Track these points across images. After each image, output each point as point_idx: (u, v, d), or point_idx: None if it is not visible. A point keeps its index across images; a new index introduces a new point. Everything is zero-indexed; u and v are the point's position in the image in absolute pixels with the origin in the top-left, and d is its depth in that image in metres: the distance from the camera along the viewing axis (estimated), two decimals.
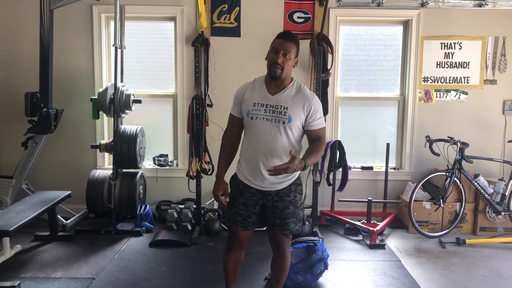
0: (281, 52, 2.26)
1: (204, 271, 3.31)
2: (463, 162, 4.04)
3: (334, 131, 4.55)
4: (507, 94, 4.47)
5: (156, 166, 4.52)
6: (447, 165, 4.12)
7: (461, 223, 4.21)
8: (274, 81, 2.32)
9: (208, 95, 4.34)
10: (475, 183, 4.07)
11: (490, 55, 4.44)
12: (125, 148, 4.01)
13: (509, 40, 4.42)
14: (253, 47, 4.30)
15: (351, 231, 4.15)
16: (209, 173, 4.18)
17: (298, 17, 4.38)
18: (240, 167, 2.43)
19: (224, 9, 4.35)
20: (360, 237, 4.07)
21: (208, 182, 3.79)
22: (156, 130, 4.60)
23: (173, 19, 4.41)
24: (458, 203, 4.18)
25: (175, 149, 4.60)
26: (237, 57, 4.38)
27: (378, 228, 3.94)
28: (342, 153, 4.31)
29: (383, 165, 4.49)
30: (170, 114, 4.57)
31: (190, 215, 4.18)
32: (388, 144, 4.42)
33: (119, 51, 4.05)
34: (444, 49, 4.44)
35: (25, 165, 4.09)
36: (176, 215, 4.18)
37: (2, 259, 3.24)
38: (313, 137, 2.35)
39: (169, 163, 4.56)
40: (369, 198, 4.24)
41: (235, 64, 4.37)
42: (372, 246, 3.83)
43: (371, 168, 4.60)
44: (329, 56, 4.29)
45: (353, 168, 4.56)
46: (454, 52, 4.44)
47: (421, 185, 4.12)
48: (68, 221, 4.03)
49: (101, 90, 4.07)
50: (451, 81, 4.48)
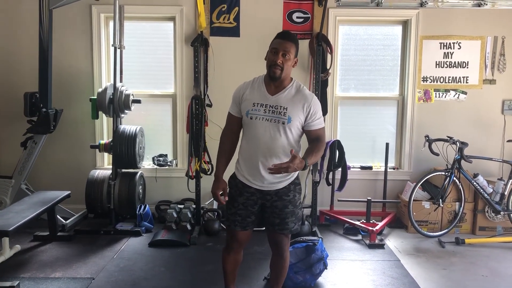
0: (281, 53, 2.26)
1: (204, 271, 3.31)
2: (463, 162, 4.04)
3: (334, 131, 4.55)
4: (506, 94, 4.48)
5: (156, 166, 4.52)
6: (446, 165, 4.12)
7: (461, 223, 4.22)
8: (274, 82, 2.32)
9: (208, 95, 4.35)
10: (474, 183, 4.07)
11: (489, 55, 4.44)
12: (125, 148, 4.01)
13: (508, 40, 4.42)
14: (253, 47, 4.30)
15: (351, 231, 4.16)
16: (209, 173, 4.18)
17: (297, 17, 4.38)
18: (239, 167, 2.43)
19: (223, 9, 4.35)
20: (360, 237, 4.07)
21: (208, 182, 3.78)
22: (156, 130, 4.60)
23: (173, 19, 4.41)
24: (458, 203, 4.18)
25: (175, 149, 4.60)
26: (237, 57, 4.38)
27: (378, 228, 3.94)
28: (342, 153, 4.31)
29: (383, 165, 4.49)
30: (170, 114, 4.57)
31: (190, 215, 4.18)
32: (388, 144, 4.42)
33: (119, 51, 4.04)
34: (443, 49, 4.44)
35: (25, 165, 4.09)
36: (176, 215, 4.18)
37: (2, 259, 3.23)
38: (313, 137, 2.35)
39: (169, 163, 4.56)
40: (369, 198, 4.24)
41: (235, 64, 4.37)
42: (372, 246, 3.83)
43: (371, 168, 4.61)
44: (328, 56, 4.29)
45: (353, 168, 4.56)
46: (453, 52, 4.44)
47: (421, 185, 4.12)
48: (68, 221, 4.02)
49: (101, 90, 4.07)
50: (450, 81, 4.48)
